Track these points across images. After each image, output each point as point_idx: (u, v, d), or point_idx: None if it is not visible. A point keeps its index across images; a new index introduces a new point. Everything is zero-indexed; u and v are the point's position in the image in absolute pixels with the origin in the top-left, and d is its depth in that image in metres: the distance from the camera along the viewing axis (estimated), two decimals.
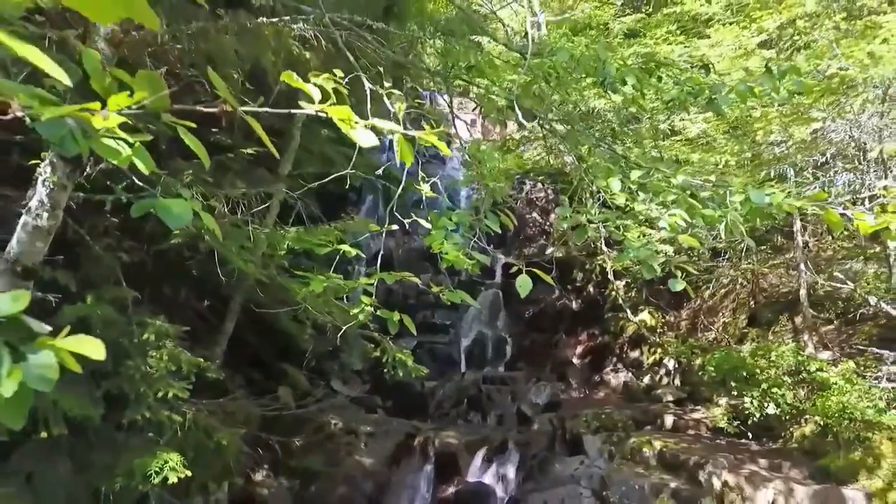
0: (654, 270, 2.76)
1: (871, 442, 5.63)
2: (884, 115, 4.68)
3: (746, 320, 8.87)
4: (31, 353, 0.77)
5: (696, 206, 2.88)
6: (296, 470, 7.55)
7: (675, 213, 2.86)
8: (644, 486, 5.88)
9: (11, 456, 4.51)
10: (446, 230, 2.39)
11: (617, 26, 11.49)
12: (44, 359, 0.77)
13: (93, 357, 0.79)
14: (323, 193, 11.73)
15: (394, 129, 1.32)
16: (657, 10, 10.99)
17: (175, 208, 1.38)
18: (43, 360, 0.77)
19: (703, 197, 3.02)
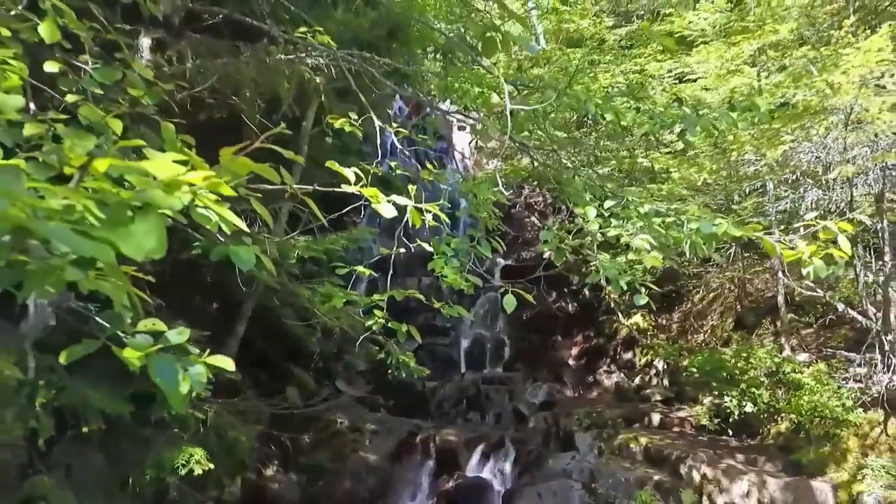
0: (621, 287, 3.28)
1: (839, 438, 6.15)
2: (847, 138, 5.19)
3: (733, 323, 9.39)
4: (189, 366, 1.29)
5: (660, 231, 3.39)
6: (304, 465, 8.07)
7: (642, 238, 3.37)
8: (630, 479, 6.40)
9: (52, 450, 5.02)
10: (446, 255, 2.91)
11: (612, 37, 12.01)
12: (197, 370, 1.29)
13: (227, 369, 1.30)
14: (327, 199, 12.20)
15: (406, 203, 1.83)
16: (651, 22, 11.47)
17: (243, 254, 1.89)
18: (197, 371, 1.28)
19: (669, 221, 3.54)
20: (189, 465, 5.32)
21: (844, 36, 5.44)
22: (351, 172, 1.89)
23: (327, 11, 7.09)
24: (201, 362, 1.28)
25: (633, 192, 3.79)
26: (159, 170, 0.92)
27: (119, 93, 1.99)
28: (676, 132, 4.27)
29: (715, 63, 7.60)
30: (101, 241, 0.84)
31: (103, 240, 0.84)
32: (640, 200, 3.58)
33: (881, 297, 6.37)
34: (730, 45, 6.85)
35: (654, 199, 6.44)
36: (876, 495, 5.58)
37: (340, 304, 3.18)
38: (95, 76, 1.93)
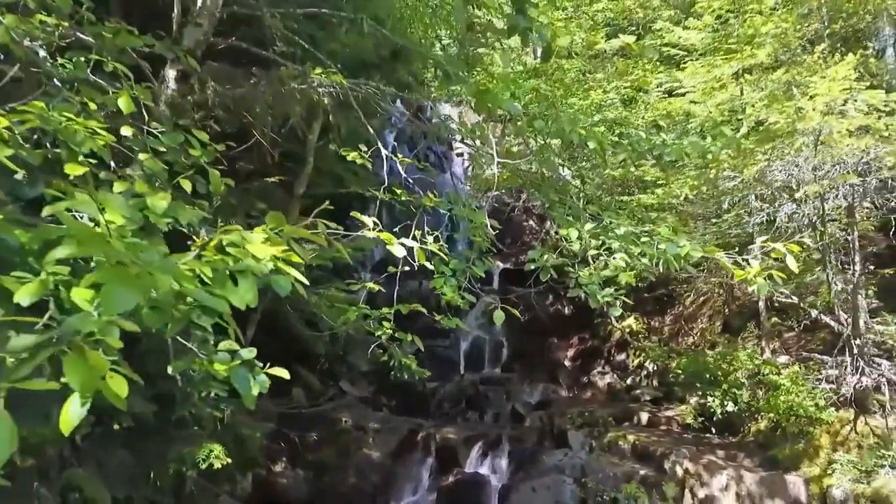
0: (598, 301, 3.78)
1: (812, 435, 6.66)
2: (816, 157, 5.68)
3: (721, 327, 9.90)
4: (256, 375, 1.79)
5: (634, 251, 3.89)
6: (311, 462, 8.58)
7: (619, 257, 3.88)
8: (617, 474, 6.91)
9: (82, 444, 5.51)
10: (445, 276, 3.40)
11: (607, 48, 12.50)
12: (262, 378, 1.79)
13: (283, 377, 1.80)
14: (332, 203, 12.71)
15: (412, 245, 2.33)
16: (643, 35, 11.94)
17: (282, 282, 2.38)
18: (262, 379, 1.78)
19: (643, 242, 4.03)
20: (208, 460, 5.84)
21: (816, 62, 5.92)
22: (370, 220, 2.38)
23: (335, 32, 7.56)
24: (264, 372, 1.78)
25: (611, 215, 4.28)
26: (257, 250, 1.42)
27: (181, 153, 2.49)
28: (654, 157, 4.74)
29: (702, 78, 8.10)
30: (218, 296, 1.33)
31: (219, 295, 1.33)
32: (617, 223, 4.08)
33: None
34: (712, 67, 7.34)
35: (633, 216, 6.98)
36: (843, 488, 6.09)
37: (354, 317, 3.65)
38: (163, 139, 2.43)
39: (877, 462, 6.03)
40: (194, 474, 6.08)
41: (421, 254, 2.44)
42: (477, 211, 3.98)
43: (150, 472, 5.90)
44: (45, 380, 1.41)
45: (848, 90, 5.35)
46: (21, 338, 1.30)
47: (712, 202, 6.95)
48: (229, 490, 7.70)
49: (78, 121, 2.23)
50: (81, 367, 1.26)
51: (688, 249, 3.60)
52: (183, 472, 6.42)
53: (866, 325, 6.61)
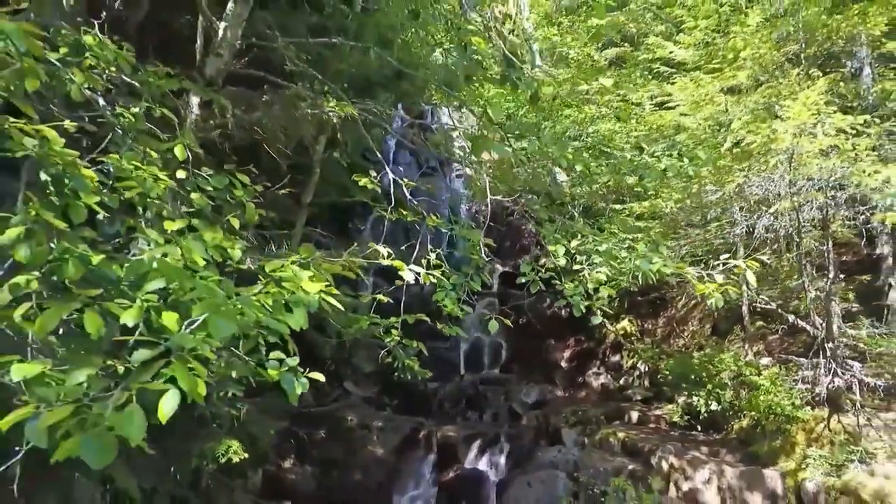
0: (580, 310, 4.31)
1: (789, 432, 7.18)
2: (791, 174, 6.19)
3: (710, 329, 10.42)
4: (299, 378, 2.31)
5: (615, 266, 4.41)
6: (318, 458, 9.10)
7: (599, 271, 4.41)
8: (607, 469, 7.43)
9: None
10: (445, 289, 3.92)
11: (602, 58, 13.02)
12: (303, 381, 2.31)
13: (320, 380, 2.33)
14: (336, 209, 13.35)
15: (420, 270, 2.85)
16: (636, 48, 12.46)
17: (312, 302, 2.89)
18: (303, 381, 2.30)
19: (622, 257, 4.55)
20: (227, 455, 6.36)
21: (791, 83, 6.43)
22: (384, 250, 2.90)
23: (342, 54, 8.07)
24: (305, 376, 2.30)
25: (594, 232, 4.79)
26: (307, 286, 1.94)
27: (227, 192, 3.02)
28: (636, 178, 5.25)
29: (691, 92, 8.62)
30: (280, 321, 1.85)
31: (281, 321, 1.85)
32: (599, 240, 4.60)
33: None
34: (700, 84, 7.86)
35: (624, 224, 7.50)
36: (816, 481, 6.60)
37: (366, 325, 4.16)
38: (211, 181, 2.96)
39: (847, 457, 6.55)
40: (213, 468, 6.61)
41: (427, 277, 2.96)
42: (473, 230, 4.50)
43: (172, 466, 6.43)
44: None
45: (817, 114, 5.86)
46: (141, 352, 1.83)
47: (697, 213, 7.45)
48: (242, 484, 8.23)
49: (145, 168, 2.76)
50: (185, 373, 1.78)
51: (658, 266, 4.12)
52: (200, 466, 6.96)
53: (839, 329, 7.13)
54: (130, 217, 2.73)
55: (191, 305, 2.08)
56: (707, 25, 8.52)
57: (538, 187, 13.28)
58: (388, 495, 8.83)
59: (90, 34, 3.20)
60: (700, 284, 3.88)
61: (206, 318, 1.76)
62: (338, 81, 8.25)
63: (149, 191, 2.67)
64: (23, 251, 2.04)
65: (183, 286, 2.13)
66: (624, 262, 4.48)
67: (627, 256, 4.42)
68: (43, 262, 2.09)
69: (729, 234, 7.56)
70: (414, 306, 9.76)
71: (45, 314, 2.04)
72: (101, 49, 3.17)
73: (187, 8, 7.23)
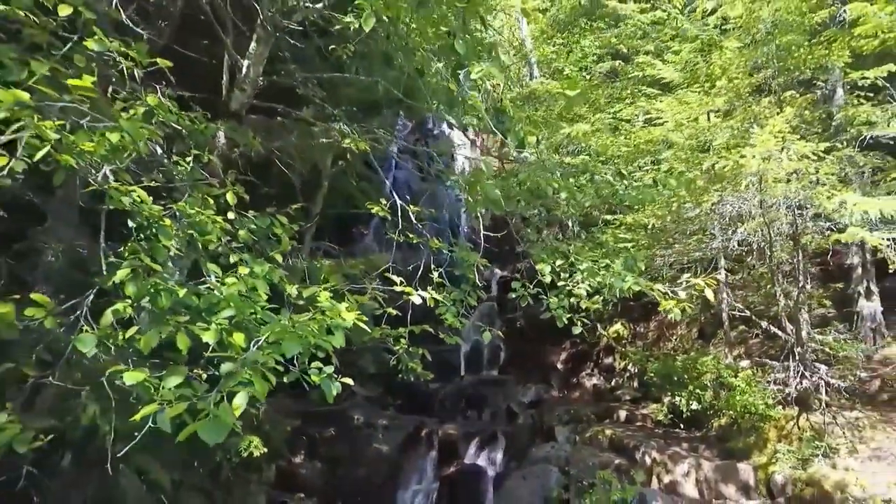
0: (563, 321, 5.04)
1: (762, 430, 7.92)
2: (760, 195, 6.92)
3: (697, 333, 11.17)
4: (335, 382, 3.04)
5: (593, 283, 5.14)
6: (327, 455, 9.84)
7: (580, 287, 5.14)
8: (595, 463, 8.16)
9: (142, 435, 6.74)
10: (446, 305, 4.65)
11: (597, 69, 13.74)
12: (337, 384, 3.04)
13: (350, 384, 3.05)
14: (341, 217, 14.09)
15: (426, 295, 3.58)
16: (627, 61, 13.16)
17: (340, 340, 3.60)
18: (337, 385, 3.04)
19: (601, 275, 5.28)
20: (248, 449, 7.10)
21: (762, 110, 7.14)
22: (397, 279, 3.63)
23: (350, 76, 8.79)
24: (339, 381, 3.02)
25: (576, 251, 5.52)
26: (345, 315, 2.67)
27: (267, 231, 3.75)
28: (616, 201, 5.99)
29: (677, 110, 9.35)
30: (325, 341, 2.58)
31: (327, 341, 2.58)
32: (581, 259, 5.33)
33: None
34: (684, 104, 8.58)
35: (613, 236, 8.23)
36: (784, 474, 7.34)
37: (378, 335, 4.88)
38: (255, 222, 3.69)
39: (812, 452, 7.28)
40: (235, 462, 7.35)
41: (432, 300, 3.71)
42: (471, 252, 5.23)
43: (197, 460, 7.16)
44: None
45: (783, 140, 6.58)
46: (227, 364, 2.57)
47: (679, 227, 8.17)
48: (257, 478, 8.97)
49: (205, 213, 3.50)
50: (259, 379, 2.52)
51: (629, 284, 4.85)
52: (222, 460, 7.71)
53: (808, 335, 7.85)
54: (195, 253, 3.46)
55: (254, 328, 2.83)
56: (691, 48, 9.23)
57: (534, 201, 14.05)
58: (392, 489, 9.55)
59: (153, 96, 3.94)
60: (664, 301, 4.61)
61: (279, 339, 2.49)
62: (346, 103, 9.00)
63: (208, 232, 3.40)
64: (131, 287, 2.77)
65: (245, 313, 2.88)
66: (602, 279, 5.20)
67: (605, 274, 5.15)
68: (144, 294, 2.82)
69: (707, 247, 8.29)
70: (417, 312, 10.58)
71: (147, 334, 2.79)
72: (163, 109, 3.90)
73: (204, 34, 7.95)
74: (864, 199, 6.42)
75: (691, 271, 10.15)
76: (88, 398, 4.86)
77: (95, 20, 3.27)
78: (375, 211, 5.09)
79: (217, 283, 3.05)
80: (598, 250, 6.81)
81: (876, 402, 8.10)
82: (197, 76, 7.73)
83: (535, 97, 11.60)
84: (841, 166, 6.97)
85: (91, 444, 5.37)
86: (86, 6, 3.23)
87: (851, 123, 7.78)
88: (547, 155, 10.57)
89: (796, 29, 7.61)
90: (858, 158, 7.65)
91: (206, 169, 4.52)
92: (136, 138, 2.82)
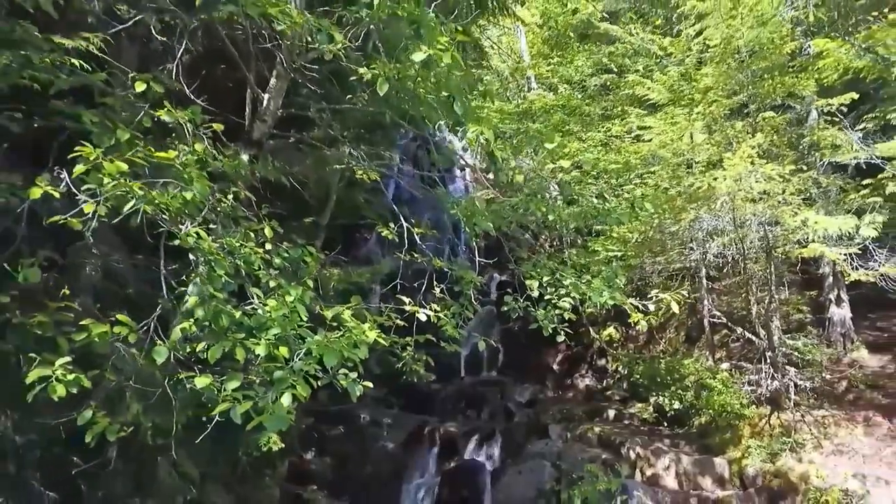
0: (548, 331, 5.87)
1: (737, 427, 8.76)
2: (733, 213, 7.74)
3: (684, 337, 12.00)
4: (360, 383, 3.87)
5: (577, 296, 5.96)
6: (336, 451, 10.67)
7: (564, 300, 5.97)
8: (585, 458, 8.99)
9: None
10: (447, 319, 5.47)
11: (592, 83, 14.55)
12: (359, 387, 3.87)
13: (370, 386, 3.89)
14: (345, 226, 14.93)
15: (430, 312, 4.41)
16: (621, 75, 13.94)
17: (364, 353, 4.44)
18: (360, 387, 3.86)
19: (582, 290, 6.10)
20: (268, 445, 7.93)
21: (736, 135, 7.95)
22: (406, 299, 4.46)
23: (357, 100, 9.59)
24: (361, 384, 3.84)
25: (562, 268, 6.33)
26: (368, 333, 3.48)
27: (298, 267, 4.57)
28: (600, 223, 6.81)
29: (660, 130, 10.18)
30: (353, 354, 3.40)
31: (354, 353, 3.40)
32: (565, 275, 6.15)
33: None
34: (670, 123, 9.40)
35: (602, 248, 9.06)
36: (755, 467, 8.17)
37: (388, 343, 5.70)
38: (290, 252, 4.52)
39: (780, 447, 8.11)
40: (255, 456, 8.19)
41: (435, 317, 4.54)
42: (468, 270, 6.05)
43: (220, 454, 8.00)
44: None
45: (752, 164, 7.40)
46: (277, 372, 3.39)
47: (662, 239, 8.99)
48: (271, 472, 9.82)
49: (248, 246, 4.33)
50: (303, 383, 3.35)
51: (605, 299, 5.68)
52: (242, 454, 8.57)
53: (780, 339, 8.68)
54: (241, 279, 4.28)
55: (294, 343, 3.67)
56: (676, 72, 10.06)
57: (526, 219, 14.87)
58: (396, 483, 10.36)
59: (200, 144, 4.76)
60: (634, 314, 5.44)
61: (321, 353, 3.32)
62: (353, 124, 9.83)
63: (252, 262, 4.23)
64: (200, 312, 3.60)
65: (287, 331, 3.71)
66: (583, 294, 6.03)
67: (586, 290, 5.97)
68: (209, 317, 3.65)
69: (686, 259, 9.12)
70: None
71: (213, 348, 3.62)
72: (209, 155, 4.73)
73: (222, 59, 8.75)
74: (824, 218, 7.25)
75: (677, 278, 11.02)
76: (132, 398, 5.72)
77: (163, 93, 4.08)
78: (385, 234, 5.91)
79: (261, 305, 3.88)
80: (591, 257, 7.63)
81: (842, 401, 8.93)
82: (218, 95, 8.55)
83: (531, 113, 12.40)
84: (806, 187, 7.79)
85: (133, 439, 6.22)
86: (154, 80, 4.04)
87: (818, 147, 8.59)
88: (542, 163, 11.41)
89: (768, 58, 8.41)
90: (822, 180, 8.47)
91: (240, 201, 5.35)
92: (202, 194, 3.64)
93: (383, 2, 4.79)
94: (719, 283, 11.87)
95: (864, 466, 7.79)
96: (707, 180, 7.44)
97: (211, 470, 7.99)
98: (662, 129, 9.97)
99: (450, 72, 4.21)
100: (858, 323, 10.12)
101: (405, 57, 4.28)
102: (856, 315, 10.05)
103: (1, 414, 6.20)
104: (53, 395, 3.25)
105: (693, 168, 8.87)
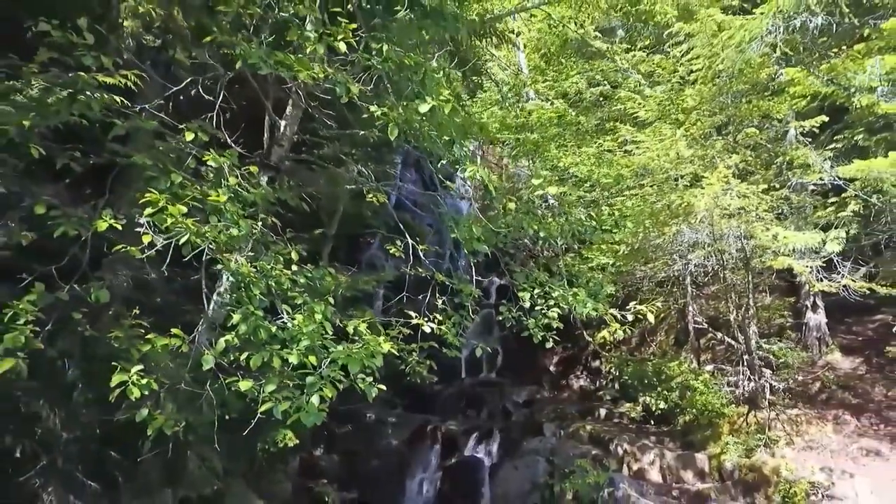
0: (538, 338, 6.66)
1: (718, 425, 9.55)
2: (713, 227, 8.53)
3: (674, 340, 12.80)
4: (376, 386, 4.67)
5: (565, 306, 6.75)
6: (344, 448, 11.47)
7: (553, 310, 6.77)
8: (576, 454, 9.80)
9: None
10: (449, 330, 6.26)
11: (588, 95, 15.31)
12: (375, 389, 4.66)
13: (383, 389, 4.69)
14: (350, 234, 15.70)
15: (432, 326, 5.20)
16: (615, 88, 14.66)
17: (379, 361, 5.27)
18: (376, 389, 4.66)
19: (570, 300, 6.89)
20: (284, 441, 8.74)
21: (716, 154, 8.73)
22: (414, 313, 5.25)
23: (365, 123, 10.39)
24: (376, 387, 4.63)
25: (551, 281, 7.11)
26: (384, 344, 4.29)
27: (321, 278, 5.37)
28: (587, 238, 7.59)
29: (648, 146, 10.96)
30: (371, 362, 4.21)
31: (371, 362, 4.21)
32: (555, 287, 6.94)
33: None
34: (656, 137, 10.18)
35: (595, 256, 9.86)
36: (732, 462, 8.97)
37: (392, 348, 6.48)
38: (313, 273, 5.32)
39: (756, 443, 8.90)
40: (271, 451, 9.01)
41: (437, 329, 5.34)
42: (467, 283, 6.85)
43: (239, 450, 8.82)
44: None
45: (727, 182, 8.19)
46: (310, 378, 4.20)
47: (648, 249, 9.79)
48: (284, 468, 10.64)
49: (279, 270, 5.13)
50: (330, 386, 4.15)
51: (588, 310, 6.47)
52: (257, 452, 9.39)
53: (756, 343, 9.47)
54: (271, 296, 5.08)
55: (320, 352, 4.47)
56: (662, 91, 10.84)
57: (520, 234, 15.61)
58: (400, 478, 11.16)
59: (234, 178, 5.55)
60: (613, 323, 6.24)
61: (346, 362, 4.12)
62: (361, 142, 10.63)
63: (281, 282, 5.03)
64: (244, 327, 4.40)
65: (315, 342, 4.51)
66: (570, 304, 6.82)
67: (573, 301, 6.76)
68: (250, 331, 4.46)
69: (671, 269, 9.92)
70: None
71: (254, 357, 4.43)
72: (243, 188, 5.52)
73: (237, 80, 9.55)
74: (792, 233, 8.04)
75: (666, 285, 11.82)
76: (166, 397, 6.53)
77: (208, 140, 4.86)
78: (392, 251, 6.71)
79: (290, 319, 4.68)
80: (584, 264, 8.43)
81: (815, 401, 9.73)
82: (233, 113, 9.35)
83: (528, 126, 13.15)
84: (778, 204, 8.57)
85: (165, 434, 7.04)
86: (201, 129, 4.82)
87: (791, 166, 9.38)
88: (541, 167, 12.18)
89: (746, 82, 9.19)
90: (793, 198, 9.26)
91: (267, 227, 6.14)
92: (245, 230, 4.44)
93: (390, 51, 5.61)
94: (708, 288, 12.66)
95: (832, 461, 8.59)
96: (687, 197, 8.23)
97: (232, 465, 8.82)
98: (650, 145, 10.74)
99: (451, 118, 4.99)
100: (834, 327, 10.90)
101: (411, 107, 5.06)
102: (831, 320, 10.84)
103: (49, 412, 7.06)
104: (131, 396, 4.04)
105: (678, 183, 9.64)
